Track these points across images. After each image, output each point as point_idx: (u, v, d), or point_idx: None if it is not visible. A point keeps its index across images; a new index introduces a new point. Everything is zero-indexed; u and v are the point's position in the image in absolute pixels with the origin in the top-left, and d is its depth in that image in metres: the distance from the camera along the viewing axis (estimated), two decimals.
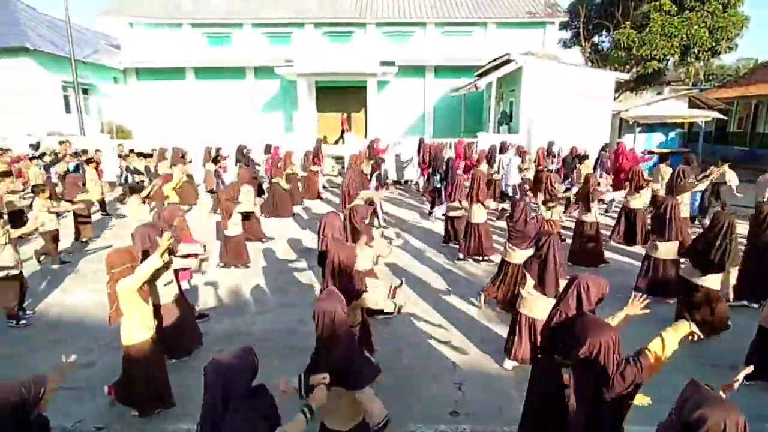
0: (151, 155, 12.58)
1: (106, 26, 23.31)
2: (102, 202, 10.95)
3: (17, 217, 8.03)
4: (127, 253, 3.76)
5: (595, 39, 25.43)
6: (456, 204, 7.90)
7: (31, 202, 7.70)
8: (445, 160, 10.51)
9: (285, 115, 20.56)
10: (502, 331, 5.27)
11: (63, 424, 3.78)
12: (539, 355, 3.14)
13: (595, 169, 11.55)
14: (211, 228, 9.62)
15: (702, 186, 8.34)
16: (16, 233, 5.66)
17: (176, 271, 4.74)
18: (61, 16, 19.45)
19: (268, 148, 13.30)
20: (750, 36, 59.16)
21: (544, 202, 7.55)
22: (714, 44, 18.95)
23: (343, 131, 19.05)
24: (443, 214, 10.48)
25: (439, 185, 11.01)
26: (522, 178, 11.03)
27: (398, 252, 8.16)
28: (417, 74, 20.23)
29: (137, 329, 3.69)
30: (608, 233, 8.55)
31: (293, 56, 17.86)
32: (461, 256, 7.80)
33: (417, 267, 7.68)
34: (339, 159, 16.77)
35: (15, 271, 5.46)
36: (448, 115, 20.43)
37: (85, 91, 19.97)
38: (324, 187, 13.88)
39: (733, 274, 4.88)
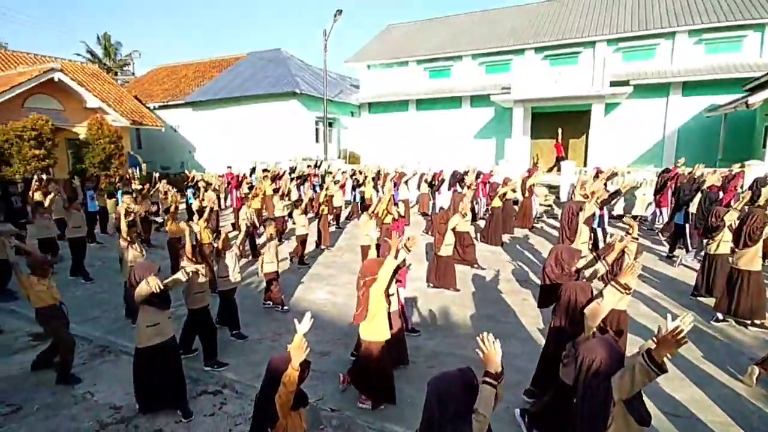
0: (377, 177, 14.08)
1: (349, 70, 27.84)
2: (337, 217, 12.79)
3: (282, 224, 9.97)
4: (379, 263, 4.17)
5: None
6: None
7: (290, 212, 9.44)
8: (695, 187, 8.53)
9: (497, 142, 20.39)
10: None
11: None
12: None
13: None
14: (421, 249, 10.06)
15: None
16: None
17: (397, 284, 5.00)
18: (318, 65, 24.17)
19: (478, 175, 13.32)
20: None
21: None
22: None
23: (558, 158, 17.66)
24: (695, 258, 8.48)
25: (681, 222, 9.02)
26: None
27: (627, 299, 6.86)
28: (658, 93, 17.29)
29: (379, 329, 4.08)
30: None
31: (510, 83, 17.62)
32: (720, 316, 6.08)
33: (654, 320, 6.26)
34: (553, 188, 15.57)
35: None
36: (700, 140, 16.69)
37: (330, 124, 24.09)
38: (538, 217, 13.03)
39: None
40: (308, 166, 19.79)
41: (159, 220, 11.51)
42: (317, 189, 14.20)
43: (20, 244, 6.11)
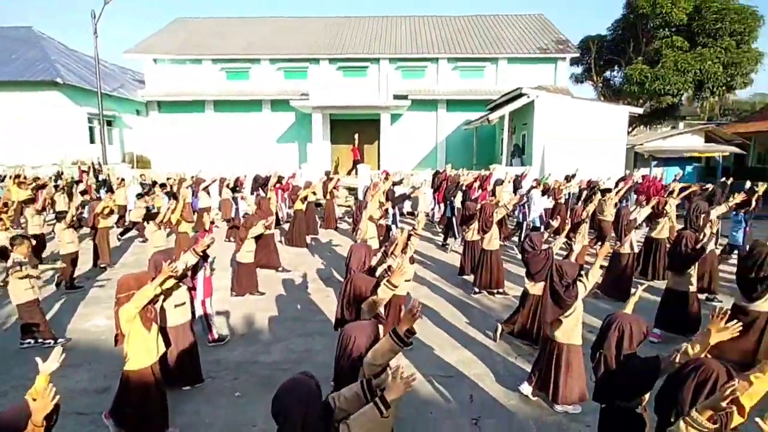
0: (164, 185, 12.78)
1: (131, 62, 24.39)
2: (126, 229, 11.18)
3: (39, 242, 8.14)
4: (136, 279, 3.59)
5: (607, 74, 25.71)
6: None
7: (53, 227, 7.81)
8: (457, 186, 10.50)
9: (300, 146, 20.95)
10: (521, 363, 5.24)
11: None
12: (602, 405, 2.97)
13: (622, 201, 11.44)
14: (226, 256, 9.63)
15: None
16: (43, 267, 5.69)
17: (191, 293, 4.66)
18: (89, 53, 20.44)
19: (280, 179, 13.44)
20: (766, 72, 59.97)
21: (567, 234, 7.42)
22: (728, 79, 19.00)
23: (355, 162, 19.27)
24: (460, 245, 10.42)
25: (449, 215, 10.93)
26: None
27: (413, 284, 8.02)
28: (430, 108, 20.57)
29: (137, 354, 3.54)
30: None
31: (308, 90, 18.34)
32: (476, 289, 7.62)
33: (432, 298, 7.49)
34: (352, 190, 16.88)
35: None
36: (461, 148, 20.61)
37: (109, 123, 20.64)
38: (340, 217, 13.91)
39: None
40: (81, 171, 16.63)
41: None
42: (102, 197, 12.04)
43: None
